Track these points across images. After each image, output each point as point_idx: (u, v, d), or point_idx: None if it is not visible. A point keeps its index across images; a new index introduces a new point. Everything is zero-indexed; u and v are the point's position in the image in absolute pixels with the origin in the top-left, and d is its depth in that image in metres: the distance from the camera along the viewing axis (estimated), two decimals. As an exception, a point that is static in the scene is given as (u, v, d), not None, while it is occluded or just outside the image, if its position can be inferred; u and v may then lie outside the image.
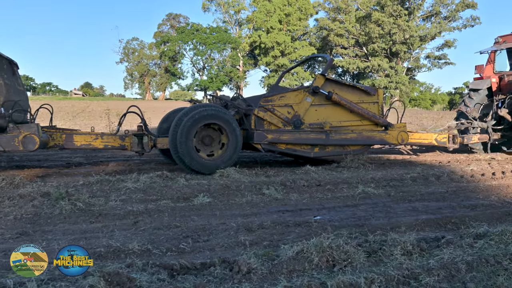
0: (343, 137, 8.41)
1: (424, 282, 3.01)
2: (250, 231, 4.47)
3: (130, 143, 7.84)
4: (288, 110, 8.21)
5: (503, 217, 4.99)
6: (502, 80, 10.83)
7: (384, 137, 8.81)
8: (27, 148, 6.96)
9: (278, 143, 8.08)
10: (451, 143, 9.71)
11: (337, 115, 8.52)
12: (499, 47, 11.13)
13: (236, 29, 69.05)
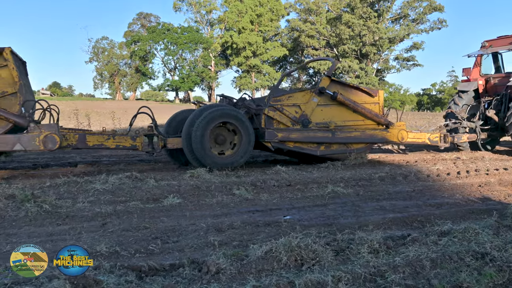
0: (347, 135, 8.77)
1: (390, 280, 3.07)
2: (220, 232, 4.47)
3: (141, 143, 7.93)
4: (296, 109, 8.51)
5: (466, 215, 5.13)
6: (488, 82, 11.43)
7: (385, 135, 9.22)
8: (47, 147, 7.07)
9: (287, 141, 8.37)
10: (442, 142, 10.15)
11: (341, 114, 8.85)
12: (486, 51, 11.64)
13: (207, 29, 68.81)
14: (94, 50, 72.47)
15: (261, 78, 64.00)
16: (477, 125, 10.76)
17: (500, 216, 4.67)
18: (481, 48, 11.80)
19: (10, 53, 7.00)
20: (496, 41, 11.64)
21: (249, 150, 8.07)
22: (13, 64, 7.04)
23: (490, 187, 6.82)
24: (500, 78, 11.32)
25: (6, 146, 7.09)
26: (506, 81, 10.92)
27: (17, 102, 7.09)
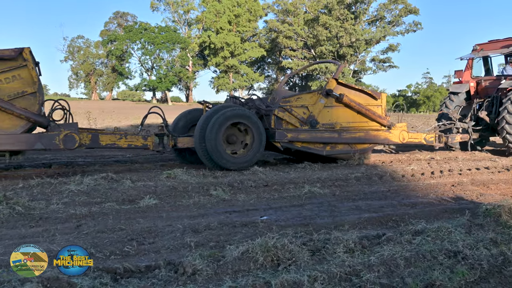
0: (353, 136, 9.05)
1: (365, 279, 3.10)
2: (196, 233, 4.45)
3: (152, 143, 8.02)
4: (304, 110, 8.72)
5: (440, 214, 5.22)
6: (479, 84, 11.78)
7: (388, 136, 9.55)
8: (67, 146, 7.25)
9: (296, 141, 8.58)
10: (437, 142, 10.47)
11: (346, 116, 9.10)
12: (477, 55, 11.97)
13: (185, 29, 68.45)
14: (70, 49, 71.44)
15: (239, 79, 63.99)
16: (469, 125, 11.03)
17: (472, 215, 4.76)
18: (472, 51, 12.13)
19: (29, 53, 7.08)
20: (487, 45, 12.00)
21: (260, 150, 8.28)
22: (32, 64, 7.12)
23: (463, 186, 6.96)
24: (491, 81, 11.67)
25: (27, 145, 7.17)
26: (496, 84, 11.24)
27: (37, 101, 7.15)
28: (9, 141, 7.00)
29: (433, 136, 10.45)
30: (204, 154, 7.92)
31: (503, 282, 3.13)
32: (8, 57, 6.91)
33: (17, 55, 6.94)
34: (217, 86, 64.97)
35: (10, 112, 6.96)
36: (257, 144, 8.21)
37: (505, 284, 3.11)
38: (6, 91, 6.95)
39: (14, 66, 6.96)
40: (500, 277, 3.20)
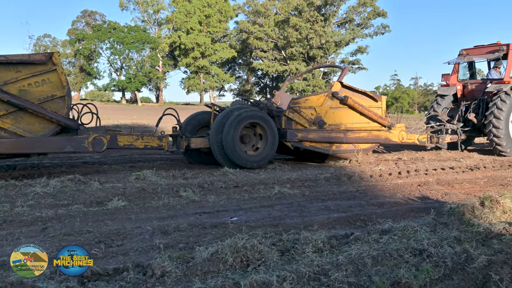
0: (357, 135, 9.50)
1: (333, 278, 3.14)
2: (166, 234, 4.42)
3: (167, 143, 8.26)
4: (311, 112, 9.16)
5: (406, 213, 5.33)
6: (466, 87, 12.38)
7: (388, 136, 10.06)
8: (95, 149, 7.46)
9: (305, 141, 9.00)
10: (429, 143, 10.96)
11: (350, 117, 9.57)
12: (463, 59, 12.49)
13: (155, 29, 67.70)
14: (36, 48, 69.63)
15: (210, 79, 63.67)
16: (458, 127, 11.50)
17: (437, 214, 4.89)
18: (458, 56, 12.65)
19: (58, 57, 7.24)
20: (472, 50, 12.52)
21: (274, 148, 8.66)
22: (62, 68, 7.29)
23: (429, 186, 7.13)
24: (477, 84, 12.23)
25: (57, 148, 7.35)
26: (482, 87, 11.78)
27: (65, 105, 7.29)
28: (41, 144, 7.13)
29: (426, 137, 10.93)
30: (221, 153, 8.24)
31: (466, 279, 3.21)
32: (38, 61, 7.04)
33: (47, 59, 7.05)
34: (188, 86, 64.45)
35: (42, 116, 7.06)
36: (271, 144, 8.59)
37: (467, 280, 3.20)
38: (36, 94, 7.03)
39: (44, 70, 7.07)
40: (463, 274, 3.28)
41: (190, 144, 8.41)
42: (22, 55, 7.13)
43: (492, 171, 8.67)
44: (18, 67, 6.92)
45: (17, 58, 6.98)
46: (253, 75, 72.87)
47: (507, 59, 11.54)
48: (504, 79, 11.33)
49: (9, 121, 6.91)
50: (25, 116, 7.02)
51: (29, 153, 7.43)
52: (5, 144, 6.84)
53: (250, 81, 73.80)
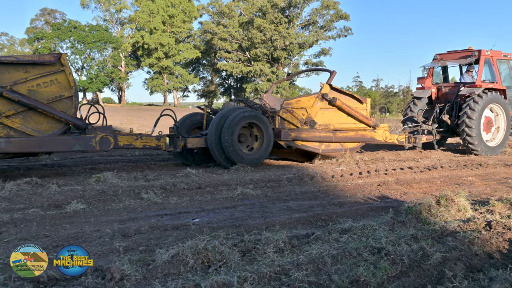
0: (345, 135, 10.01)
1: (294, 277, 3.17)
2: (126, 237, 4.36)
3: (165, 143, 8.47)
4: (303, 112, 9.60)
5: (366, 212, 5.44)
6: (440, 90, 13.11)
7: (373, 135, 10.58)
8: (103, 148, 7.68)
9: (298, 140, 9.38)
10: (407, 143, 11.48)
11: (338, 117, 10.06)
12: (437, 64, 13.22)
13: (117, 28, 66.56)
14: (-8, 46, 67.27)
15: (174, 80, 63.06)
16: (433, 127, 12.09)
17: (396, 213, 5.00)
18: (433, 60, 13.35)
19: (66, 58, 7.45)
20: (446, 55, 13.22)
21: (270, 147, 9.01)
22: (69, 69, 7.46)
23: (388, 186, 7.29)
24: (450, 87, 12.94)
25: (66, 147, 7.53)
26: (456, 90, 12.47)
27: (73, 105, 7.46)
28: (51, 143, 7.28)
29: (404, 137, 11.42)
30: (219, 151, 8.52)
31: (421, 276, 3.30)
32: (47, 62, 7.21)
33: (56, 60, 7.24)
34: (151, 87, 63.63)
35: (51, 115, 7.23)
36: (267, 143, 8.97)
37: (423, 277, 3.29)
38: (45, 95, 7.19)
39: (53, 71, 7.25)
40: (419, 270, 3.37)
41: (186, 144, 8.64)
42: (31, 55, 7.25)
43: (449, 171, 8.95)
44: (27, 68, 7.06)
45: (27, 58, 7.16)
46: (218, 76, 72.68)
47: (479, 64, 12.14)
48: (476, 83, 11.95)
49: (18, 121, 7.04)
50: (34, 115, 7.16)
51: (38, 152, 7.55)
52: (16, 143, 6.95)
53: (215, 82, 73.57)
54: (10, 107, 6.93)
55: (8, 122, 6.95)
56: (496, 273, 3.24)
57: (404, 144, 11.45)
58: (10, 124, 6.97)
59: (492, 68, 12.44)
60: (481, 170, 9.17)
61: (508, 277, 3.07)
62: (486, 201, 5.87)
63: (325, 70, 11.26)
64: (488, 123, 12.04)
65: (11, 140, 6.90)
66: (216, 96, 75.18)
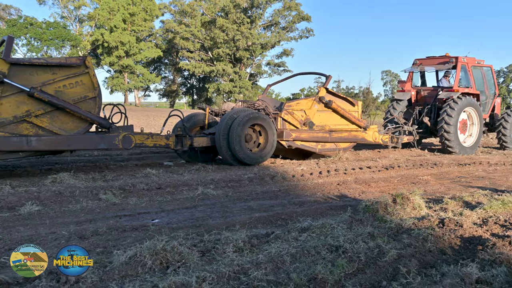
0: (339, 135, 10.58)
1: (253, 276, 3.19)
2: (83, 239, 4.27)
3: (173, 142, 8.79)
4: (302, 114, 10.13)
5: (325, 211, 5.52)
6: (419, 93, 13.95)
7: (364, 136, 11.18)
8: (125, 146, 8.01)
9: (298, 140, 9.88)
10: (390, 142, 12.10)
11: (333, 119, 10.64)
12: (416, 69, 14.10)
13: (76, 26, 64.96)
14: None
15: (135, 79, 62.09)
16: (413, 128, 12.84)
17: (354, 212, 5.10)
18: (413, 65, 14.21)
19: (90, 61, 7.71)
20: (425, 61, 14.07)
21: (274, 146, 9.47)
22: (93, 71, 7.73)
23: (347, 185, 7.42)
24: (429, 91, 13.79)
25: (92, 145, 7.90)
26: (434, 94, 13.33)
27: (96, 105, 7.73)
28: (78, 141, 7.61)
29: (388, 137, 12.03)
30: (227, 151, 8.93)
31: (377, 272, 3.38)
32: (74, 64, 7.47)
33: (81, 63, 7.52)
34: (111, 86, 62.46)
35: (78, 115, 7.50)
36: (271, 142, 9.41)
37: (379, 274, 3.37)
38: (71, 95, 7.45)
39: (78, 73, 7.52)
40: (375, 267, 3.45)
41: (193, 143, 9.05)
42: (59, 58, 7.64)
43: (405, 170, 9.19)
44: (54, 69, 7.33)
45: (55, 61, 7.50)
46: (180, 76, 72.07)
47: (456, 70, 13.03)
48: (454, 87, 12.81)
49: (46, 120, 7.29)
50: (60, 115, 7.42)
51: (66, 150, 7.81)
52: (46, 141, 7.21)
53: (177, 81, 72.92)
54: (39, 107, 7.17)
55: (37, 121, 7.20)
56: (448, 268, 3.35)
57: (388, 144, 12.05)
58: (39, 123, 7.22)
59: (467, 74, 13.27)
60: (436, 170, 9.46)
61: (459, 272, 3.18)
62: (440, 199, 6.07)
63: (321, 74, 11.70)
64: (463, 125, 12.84)
65: (42, 138, 7.17)
66: (178, 96, 74.54)
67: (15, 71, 6.97)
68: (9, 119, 6.94)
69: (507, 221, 4.71)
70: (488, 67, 14.13)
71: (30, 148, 7.10)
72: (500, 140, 13.91)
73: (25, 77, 7.06)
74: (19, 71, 7.02)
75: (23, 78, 7.03)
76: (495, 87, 14.38)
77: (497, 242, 3.87)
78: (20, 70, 7.02)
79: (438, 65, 13.71)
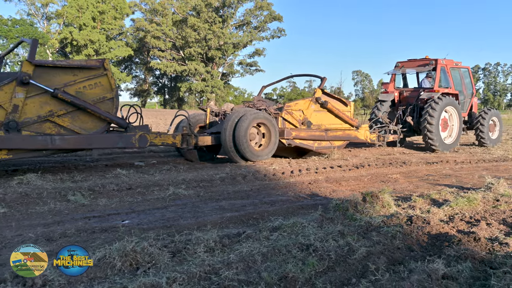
0: (334, 134, 11.11)
1: (224, 276, 3.18)
2: (50, 241, 4.18)
3: (179, 141, 9.09)
4: (300, 114, 10.66)
5: (296, 210, 5.55)
6: (402, 94, 14.65)
7: (357, 134, 11.79)
8: (141, 145, 8.33)
9: (297, 138, 10.35)
10: (377, 141, 12.75)
11: (328, 119, 11.21)
12: (398, 71, 14.79)
13: (44, 23, 63.57)
14: None
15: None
16: (398, 128, 13.54)
17: (324, 210, 5.14)
18: (395, 67, 14.94)
19: (108, 63, 8.04)
20: (407, 63, 14.85)
21: (276, 145, 9.94)
22: (111, 73, 8.05)
23: (318, 184, 7.49)
24: (410, 92, 14.48)
25: (111, 144, 8.18)
26: (415, 94, 14.01)
27: (114, 106, 8.03)
28: (98, 140, 7.88)
29: (375, 136, 12.63)
30: (232, 149, 9.32)
31: (347, 270, 3.42)
32: (94, 66, 7.77)
33: (100, 65, 7.81)
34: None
35: (97, 115, 7.79)
36: (274, 141, 9.89)
37: (349, 271, 3.41)
38: (90, 96, 7.74)
39: (97, 74, 7.81)
40: (345, 265, 3.50)
41: (198, 142, 9.38)
42: (80, 60, 7.82)
43: (375, 169, 9.33)
44: (74, 71, 7.61)
45: (76, 63, 7.78)
46: (151, 75, 71.40)
47: (436, 72, 13.76)
48: (434, 88, 13.52)
49: (68, 120, 7.60)
50: (81, 115, 7.70)
51: (86, 148, 8.24)
52: (70, 140, 7.51)
53: (148, 80, 72.17)
54: (61, 107, 7.46)
55: (59, 121, 7.49)
56: (415, 265, 3.41)
57: (376, 143, 12.71)
58: (61, 123, 7.52)
59: (446, 75, 13.99)
60: (405, 168, 9.64)
61: (426, 269, 3.25)
62: (408, 197, 6.18)
63: (316, 76, 12.18)
64: (444, 123, 13.44)
65: (65, 137, 7.45)
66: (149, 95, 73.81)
67: (39, 72, 7.23)
68: (34, 119, 7.23)
69: (472, 217, 4.85)
70: (465, 68, 14.96)
71: (54, 146, 7.38)
72: (478, 137, 14.65)
73: (48, 78, 7.31)
74: (43, 73, 7.28)
75: (46, 80, 7.28)
76: (473, 87, 15.14)
77: (463, 238, 3.97)
78: (43, 72, 7.29)
79: (418, 67, 14.44)
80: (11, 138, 6.94)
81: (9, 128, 6.98)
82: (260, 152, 9.70)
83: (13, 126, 7.00)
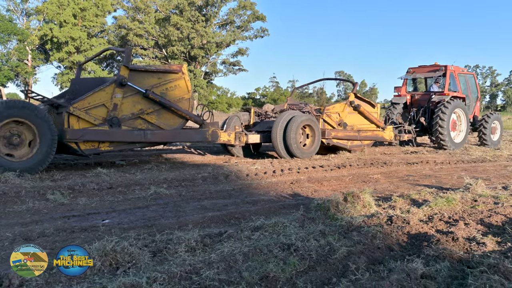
0: (365, 134, 12.27)
1: (205, 276, 3.17)
2: (28, 240, 4.12)
3: (233, 138, 9.98)
4: (336, 116, 11.82)
5: (278, 210, 5.56)
6: (413, 98, 15.93)
7: (383, 134, 12.91)
8: (213, 139, 9.47)
9: (335, 138, 11.50)
10: (395, 140, 13.74)
11: (359, 120, 12.39)
12: (409, 76, 16.16)
13: (23, 19, 62.46)
14: None
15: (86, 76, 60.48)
16: (412, 128, 14.61)
17: (306, 210, 5.16)
18: (407, 73, 16.25)
19: (186, 68, 9.09)
20: (417, 69, 16.15)
21: (319, 143, 10.97)
22: (188, 77, 9.06)
23: (300, 184, 7.52)
24: (421, 95, 15.85)
25: (190, 138, 9.49)
26: (427, 97, 15.27)
27: (190, 105, 9.15)
28: (180, 135, 9.06)
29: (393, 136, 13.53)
30: (282, 147, 10.32)
31: (328, 269, 3.44)
32: (175, 71, 8.90)
33: (180, 69, 8.93)
34: (61, 83, 60.49)
35: (179, 113, 8.88)
36: (318, 140, 10.92)
37: (329, 271, 3.42)
38: (171, 97, 8.80)
39: (177, 78, 8.92)
40: (326, 265, 3.51)
41: (248, 140, 10.30)
42: (164, 65, 8.99)
43: (357, 169, 9.41)
44: (159, 75, 8.72)
45: (162, 67, 9.05)
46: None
47: (446, 77, 15.07)
48: (445, 91, 14.75)
49: (154, 117, 8.65)
50: (164, 113, 8.75)
51: (170, 142, 9.70)
52: (158, 134, 8.66)
53: (130, 79, 71.40)
54: (149, 106, 8.52)
55: (148, 118, 8.55)
56: (395, 264, 3.45)
57: (393, 141, 13.80)
58: (149, 120, 8.57)
59: (454, 80, 15.29)
60: (386, 168, 9.74)
61: (405, 268, 3.28)
62: (389, 197, 6.24)
63: (348, 81, 13.86)
64: (454, 124, 14.70)
65: (155, 132, 8.57)
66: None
67: (132, 75, 8.33)
68: (128, 116, 8.31)
69: (451, 217, 4.92)
70: (471, 74, 16.68)
71: (146, 140, 8.45)
72: (481, 138, 15.84)
73: (139, 81, 8.39)
74: (135, 76, 8.37)
75: (138, 82, 8.35)
76: (478, 91, 16.50)
77: (441, 238, 4.03)
78: (135, 75, 8.39)
79: (428, 73, 15.79)
80: (114, 132, 8.05)
81: (112, 124, 8.06)
82: (307, 150, 10.71)
83: (116, 122, 8.10)
